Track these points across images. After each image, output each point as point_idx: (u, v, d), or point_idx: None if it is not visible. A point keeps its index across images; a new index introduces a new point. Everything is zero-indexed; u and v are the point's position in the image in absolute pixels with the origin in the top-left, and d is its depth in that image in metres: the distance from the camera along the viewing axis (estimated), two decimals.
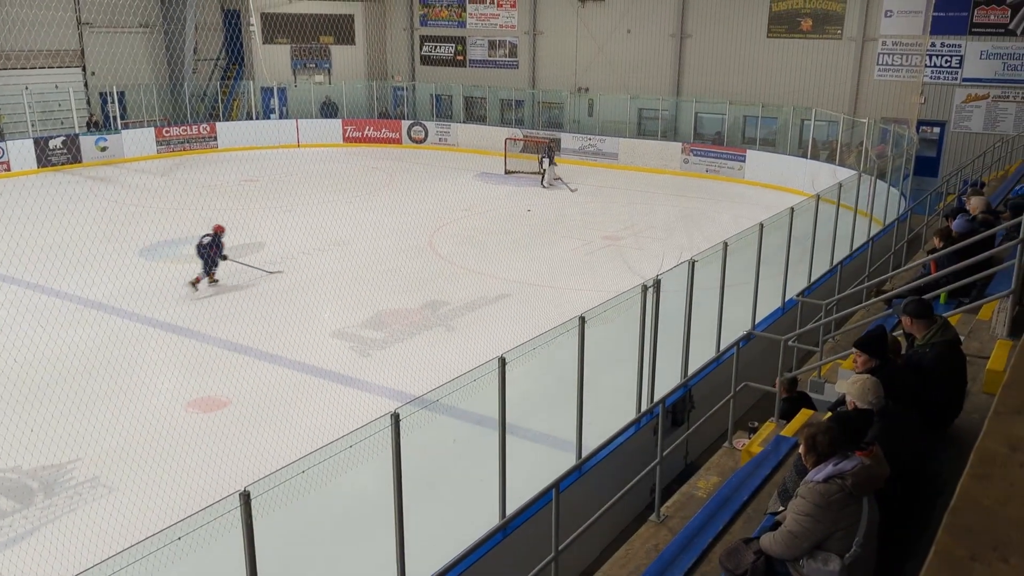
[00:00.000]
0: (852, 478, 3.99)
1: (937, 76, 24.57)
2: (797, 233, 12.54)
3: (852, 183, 16.15)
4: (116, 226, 19.10)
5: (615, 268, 16.78)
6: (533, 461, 8.72)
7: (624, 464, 8.14)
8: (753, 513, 5.91)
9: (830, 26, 26.20)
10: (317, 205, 21.90)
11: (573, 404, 8.13)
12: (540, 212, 21.87)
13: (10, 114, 26.50)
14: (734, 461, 7.51)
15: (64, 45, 27.94)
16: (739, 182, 25.94)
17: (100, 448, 9.47)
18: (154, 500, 8.24)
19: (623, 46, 29.95)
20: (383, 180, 26.00)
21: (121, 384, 11.06)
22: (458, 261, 17.45)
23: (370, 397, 10.87)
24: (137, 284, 14.65)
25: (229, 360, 12.10)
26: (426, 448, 8.89)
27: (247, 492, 5.02)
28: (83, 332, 12.85)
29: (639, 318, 8.90)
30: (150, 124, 29.35)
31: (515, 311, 14.12)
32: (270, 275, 15.98)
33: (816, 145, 25.33)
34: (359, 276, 16.02)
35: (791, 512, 4.17)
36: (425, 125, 32.14)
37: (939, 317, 5.82)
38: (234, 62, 32.77)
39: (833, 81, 26.19)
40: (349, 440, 5.61)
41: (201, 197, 21.21)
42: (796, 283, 12.83)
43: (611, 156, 28.70)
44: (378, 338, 13.17)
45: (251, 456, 8.91)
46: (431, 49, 34.44)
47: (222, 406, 10.75)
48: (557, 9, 31.14)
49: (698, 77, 28.77)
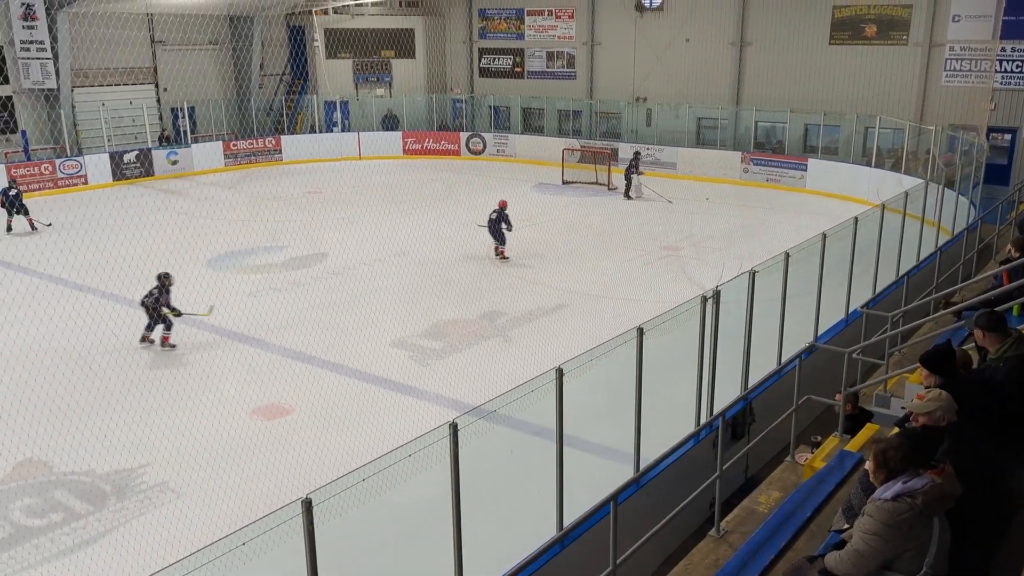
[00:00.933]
0: (923, 497, 3.87)
1: (1008, 81, 23.74)
2: (861, 243, 12.25)
3: (919, 192, 15.72)
4: (186, 237, 19.73)
5: (674, 279, 16.63)
6: (591, 473, 8.68)
7: (683, 477, 8.04)
8: (816, 530, 5.79)
9: (895, 32, 25.58)
10: (378, 216, 22.25)
11: (631, 416, 8.07)
12: (598, 222, 21.82)
13: (88, 129, 27.63)
14: (796, 476, 7.38)
15: (138, 63, 29.07)
16: (800, 191, 25.47)
17: (169, 454, 9.77)
18: (219, 505, 8.45)
19: (682, 55, 29.74)
20: (442, 191, 26.28)
21: (189, 391, 11.41)
22: (516, 272, 17.51)
23: (428, 406, 10.97)
24: (205, 294, 15.06)
25: (292, 368, 12.36)
26: (484, 458, 8.92)
27: (309, 499, 5.12)
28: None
29: (698, 329, 8.81)
30: (218, 138, 30.26)
31: (573, 322, 14.10)
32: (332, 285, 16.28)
33: (881, 153, 24.71)
34: (418, 286, 16.22)
35: (858, 530, 4.07)
36: (483, 136, 32.39)
37: (1013, 330, 5.63)
38: (299, 77, 33.59)
39: (898, 88, 25.54)
40: (408, 449, 5.67)
41: (267, 209, 21.79)
42: (860, 295, 12.53)
43: (670, 166, 28.47)
44: (437, 348, 13.29)
45: (313, 463, 9.07)
46: (490, 61, 34.74)
47: (285, 414, 10.98)
48: (615, 20, 31.10)
49: (758, 85, 28.38)
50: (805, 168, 25.89)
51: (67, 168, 25.49)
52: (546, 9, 32.68)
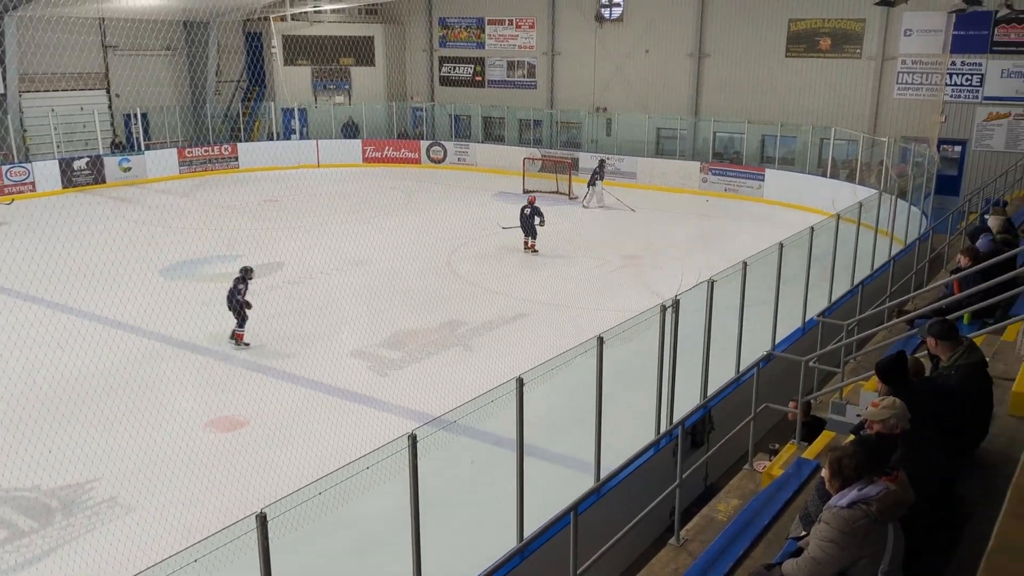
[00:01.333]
0: (877, 504, 3.90)
1: (958, 95, 24.40)
2: (817, 252, 12.45)
3: (872, 202, 16.02)
4: (138, 246, 19.32)
5: (633, 288, 16.72)
6: (551, 483, 8.65)
7: (643, 486, 8.05)
8: (774, 537, 5.82)
9: (849, 45, 26.13)
10: (337, 225, 22.03)
11: (591, 425, 8.07)
12: (559, 232, 21.86)
13: (36, 136, 26.96)
14: (755, 484, 7.42)
15: (89, 68, 28.44)
16: (758, 201, 25.83)
17: (119, 468, 9.51)
18: (172, 520, 8.24)
19: (641, 66, 30.03)
20: (402, 200, 26.14)
21: (141, 404, 11.13)
22: (476, 281, 17.46)
23: (388, 417, 10.86)
24: (158, 304, 14.76)
25: (248, 380, 12.14)
26: (444, 469, 8.86)
27: (264, 514, 5.01)
28: (104, 352, 12.92)
29: (658, 338, 8.84)
30: (173, 145, 29.73)
31: (533, 331, 14.09)
32: (289, 294, 16.07)
33: (836, 164, 25.19)
34: (378, 296, 16.07)
35: (814, 538, 4.09)
36: (444, 145, 32.32)
37: (965, 339, 5.73)
38: (256, 84, 33.19)
39: (852, 100, 26.08)
40: (366, 461, 5.59)
41: (222, 217, 21.44)
42: (816, 303, 12.72)
43: (629, 175, 28.69)
44: (396, 358, 13.18)
45: (269, 477, 8.91)
46: (450, 70, 34.71)
47: (240, 426, 10.78)
48: (575, 30, 31.30)
49: (716, 96, 28.76)
50: (762, 178, 26.28)
51: (14, 175, 24.84)
52: (507, 19, 32.77)
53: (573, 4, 31.00)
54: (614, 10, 30.43)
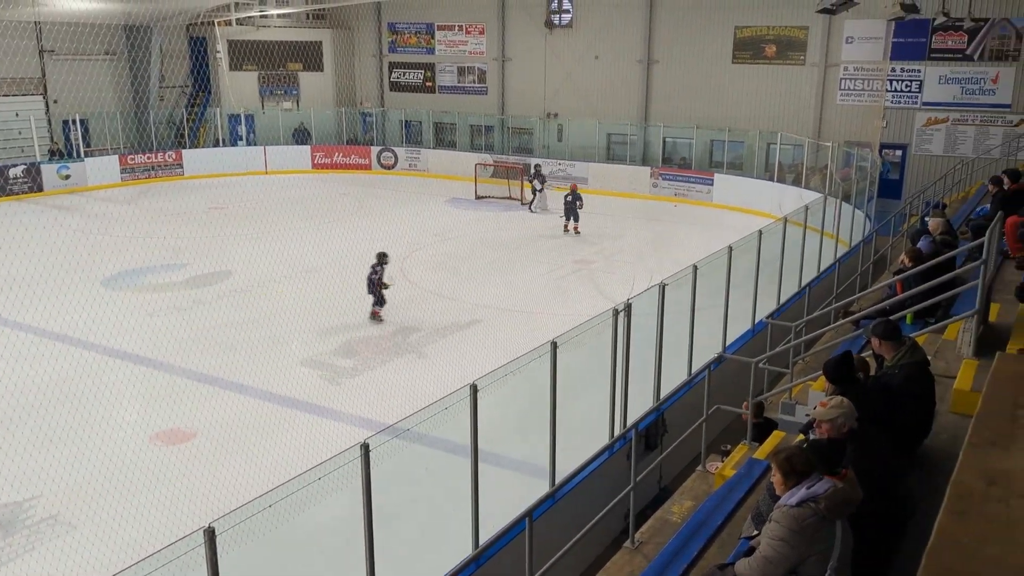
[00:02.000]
0: (825, 501, 3.96)
1: (898, 100, 25.09)
2: (766, 255, 12.65)
3: (818, 206, 16.36)
4: (79, 256, 18.75)
5: (586, 293, 16.80)
6: (506, 489, 8.61)
7: (598, 490, 8.07)
8: (728, 538, 5.87)
9: (793, 52, 26.69)
10: (286, 232, 21.71)
11: (546, 430, 8.06)
12: (511, 237, 21.88)
13: None
14: (708, 485, 7.48)
15: (25, 73, 27.56)
16: (708, 205, 26.20)
17: (61, 484, 9.19)
18: (116, 537, 8.00)
19: (591, 72, 30.26)
20: (353, 206, 25.88)
21: (83, 418, 10.77)
22: (430, 287, 17.36)
23: (341, 426, 10.71)
24: (100, 315, 14.35)
25: (196, 391, 11.86)
26: (398, 478, 8.75)
27: (212, 528, 4.89)
28: (44, 365, 12.51)
29: (611, 342, 8.88)
30: (114, 152, 28.99)
31: (487, 337, 14.05)
32: (238, 303, 15.77)
33: (782, 168, 25.69)
34: (329, 303, 15.84)
35: (765, 537, 4.13)
36: (395, 151, 32.14)
37: (908, 338, 5.85)
38: (201, 89, 32.57)
39: (798, 106, 26.63)
40: (318, 472, 5.50)
41: (167, 225, 20.96)
42: (766, 305, 12.92)
43: (581, 181, 28.81)
44: (349, 366, 13.01)
45: (218, 490, 8.71)
46: (400, 75, 34.54)
47: (188, 438, 10.52)
48: (525, 36, 31.41)
49: (666, 102, 29.11)
50: (711, 183, 26.66)
51: None
52: (456, 24, 32.74)
53: (523, 10, 31.12)
54: (564, 16, 30.63)
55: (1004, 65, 23.49)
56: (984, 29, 23.41)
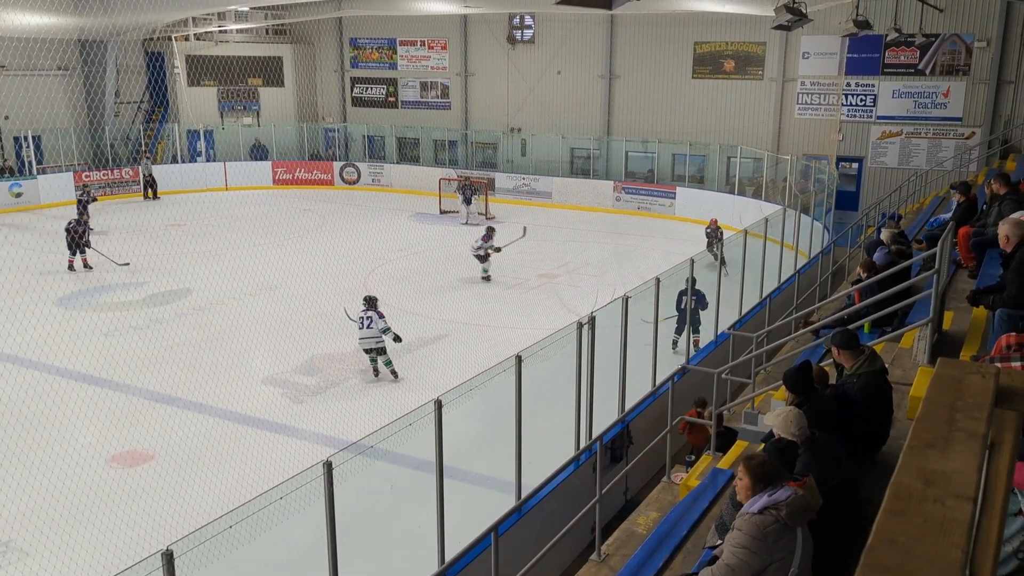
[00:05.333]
0: (786, 508, 4.00)
1: (854, 114, 25.64)
2: (727, 267, 12.81)
3: (777, 218, 16.62)
4: (32, 275, 18.34)
5: (550, 306, 16.83)
6: (472, 504, 8.57)
7: (564, 503, 8.06)
8: (692, 548, 5.89)
9: (752, 67, 27.16)
10: (247, 249, 21.46)
11: (512, 444, 8.04)
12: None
13: None
14: (673, 496, 7.52)
15: None
16: (670, 218, 26.45)
17: (13, 510, 8.92)
18: (73, 563, 7.78)
19: (554, 87, 30.47)
20: (315, 222, 25.68)
21: (37, 440, 10.48)
22: (394, 303, 17.23)
23: (304, 445, 10.56)
24: (54, 335, 14.02)
25: (154, 411, 11.64)
26: (362, 496, 8.66)
27: (170, 551, 4.79)
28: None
29: (575, 355, 8.90)
30: (68, 169, 28.40)
31: (452, 352, 13.99)
32: (197, 322, 15.52)
33: (742, 182, 26.06)
34: (291, 321, 15.68)
35: (728, 545, 4.15)
36: (357, 166, 31.98)
37: (866, 347, 5.95)
38: (158, 105, 32.15)
39: (756, 120, 27.08)
40: (280, 491, 5.42)
41: (124, 243, 20.56)
42: (727, 316, 13.06)
43: (545, 195, 29.00)
44: (312, 384, 12.87)
45: (178, 512, 8.53)
46: (362, 91, 34.45)
47: (146, 460, 10.30)
48: (488, 51, 31.54)
49: (627, 117, 29.40)
50: (674, 196, 26.95)
51: None
52: (419, 40, 32.78)
53: (485, 26, 31.26)
54: (525, 32, 30.82)
55: (955, 79, 24.14)
56: (935, 45, 24.05)
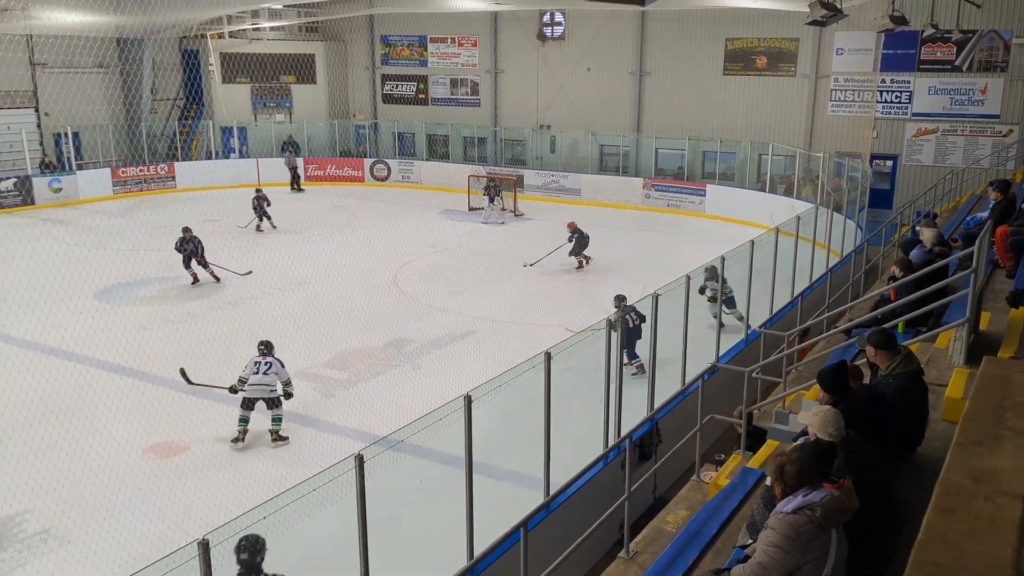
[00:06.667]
0: (821, 509, 3.98)
1: (888, 111, 25.27)
2: (758, 265, 12.69)
3: (809, 216, 16.45)
4: (71, 269, 18.69)
5: (579, 303, 16.80)
6: (500, 500, 8.60)
7: (592, 500, 8.06)
8: (722, 546, 5.87)
9: (784, 64, 26.88)
10: (279, 245, 21.71)
11: (540, 441, 8.06)
12: (504, 248, 21.90)
13: None
14: (702, 494, 7.49)
15: (16, 86, 27.49)
16: (700, 216, 26.30)
17: (52, 498, 9.14)
18: (110, 551, 7.95)
19: (583, 84, 30.40)
20: (346, 218, 25.89)
21: (75, 431, 10.72)
22: (423, 299, 17.36)
23: (335, 439, 10.68)
24: (92, 328, 14.30)
25: (188, 403, 11.81)
26: (392, 490, 8.73)
27: (206, 541, 4.87)
28: (36, 378, 12.47)
29: (604, 352, 8.89)
30: (106, 165, 28.91)
31: (481, 348, 14.05)
32: (230, 316, 15.73)
33: (774, 179, 25.82)
34: (322, 315, 15.84)
35: (761, 543, 4.14)
36: (388, 163, 32.17)
37: (903, 347, 5.88)
38: (193, 102, 32.57)
39: (789, 117, 26.80)
40: (312, 484, 5.48)
41: (159, 238, 20.87)
42: (758, 315, 12.96)
43: (574, 192, 28.95)
44: (342, 378, 12.99)
45: (212, 503, 8.67)
46: (393, 87, 34.63)
47: (181, 451, 10.48)
48: (518, 48, 31.55)
49: (658, 114, 29.26)
50: (704, 194, 26.77)
51: None
52: (449, 37, 32.87)
53: (515, 23, 31.27)
54: (556, 29, 30.77)
55: (992, 76, 23.69)
56: (972, 41, 23.62)
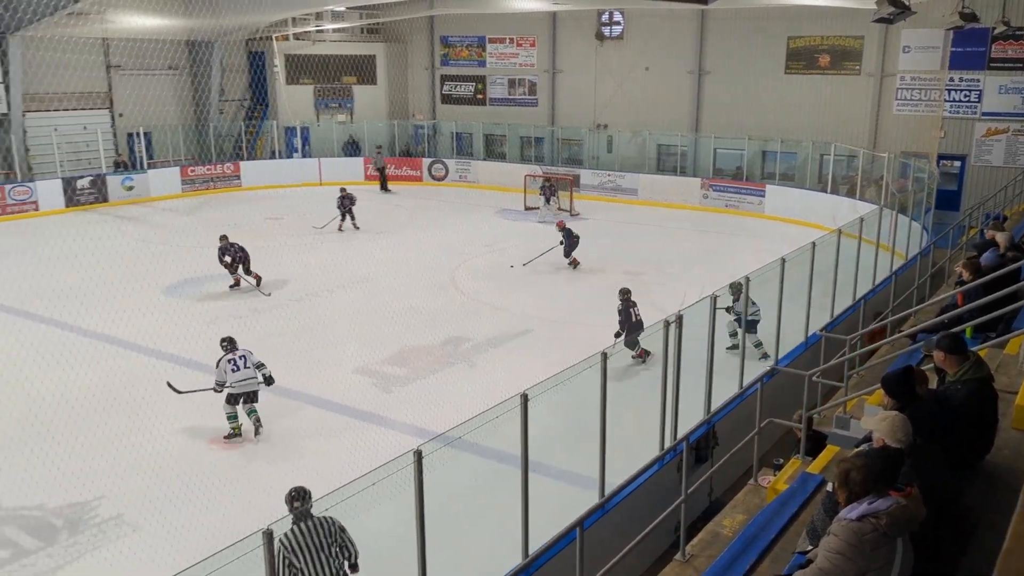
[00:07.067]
0: (887, 518, 3.90)
1: (956, 110, 24.53)
2: (819, 267, 12.47)
3: (873, 217, 16.07)
4: (141, 264, 19.36)
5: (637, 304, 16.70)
6: (554, 499, 8.63)
7: (648, 502, 8.05)
8: (781, 552, 5.81)
9: (848, 62, 26.30)
10: (339, 242, 22.13)
11: (596, 441, 8.07)
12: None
13: (40, 155, 27.06)
14: (760, 499, 7.42)
15: (93, 88, 28.59)
16: (759, 217, 25.91)
17: (124, 486, 9.50)
18: (177, 538, 8.23)
19: (642, 83, 30.22)
20: (405, 217, 26.23)
21: (144, 422, 11.11)
22: (480, 297, 17.49)
23: (392, 434, 10.85)
24: (162, 322, 14.79)
25: None
26: (448, 486, 8.85)
27: (270, 531, 5.02)
28: (108, 369, 12.97)
29: (661, 354, 8.86)
30: (175, 164, 29.85)
31: (537, 347, 14.10)
32: (293, 312, 16.10)
33: (836, 180, 25.29)
34: (381, 313, 16.10)
35: (823, 550, 4.09)
36: (445, 163, 32.46)
37: (972, 353, 5.74)
38: (259, 102, 33.38)
39: (852, 116, 26.21)
40: (372, 477, 5.59)
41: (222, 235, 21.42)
42: (819, 318, 12.74)
43: (630, 192, 28.81)
44: (401, 375, 13.18)
45: (274, 494, 8.88)
46: (452, 88, 34.93)
47: (246, 443, 10.77)
48: (576, 48, 31.54)
49: (717, 113, 28.93)
50: (763, 194, 26.37)
51: (17, 194, 24.94)
52: (508, 37, 33.01)
53: (574, 22, 31.25)
54: (614, 28, 30.66)
55: None
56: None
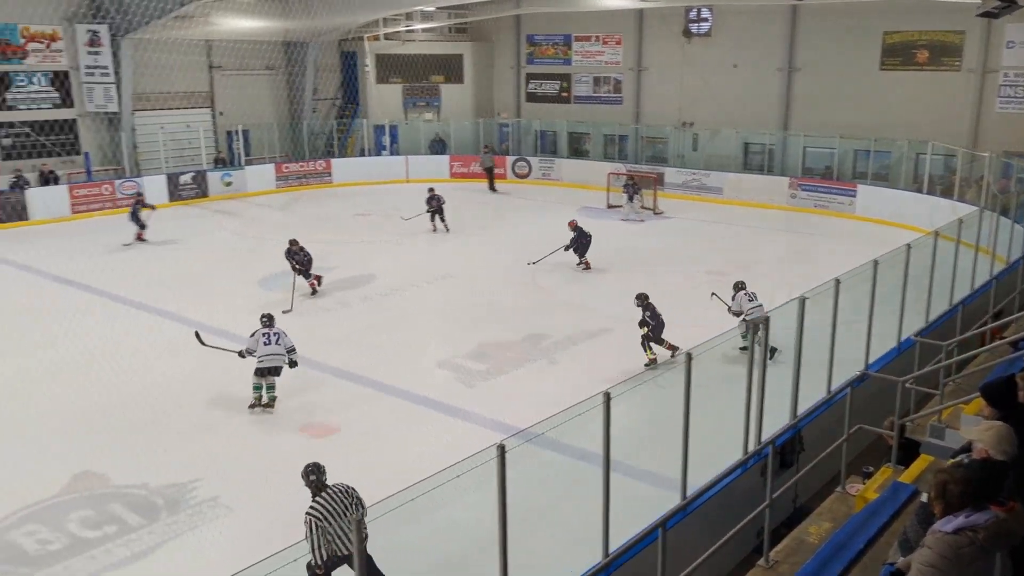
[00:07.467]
0: (985, 532, 3.77)
1: None
2: (914, 271, 12.04)
3: (973, 219, 15.41)
4: (239, 257, 20.18)
5: (721, 304, 16.47)
6: (635, 499, 8.62)
7: (731, 505, 7.97)
8: (870, 563, 5.70)
9: (948, 58, 25.23)
10: (425, 239, 22.54)
11: (678, 442, 8.02)
12: (644, 247, 21.75)
13: (147, 152, 28.49)
14: (847, 507, 7.27)
15: (196, 87, 29.91)
16: (850, 217, 25.13)
17: (221, 469, 9.95)
18: (270, 521, 8.58)
19: (729, 81, 29.68)
20: (489, 214, 26.50)
21: (239, 408, 11.62)
22: (560, 295, 17.55)
23: (474, 428, 11.03)
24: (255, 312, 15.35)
25: (339, 387, 12.52)
26: (528, 482, 8.95)
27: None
28: (207, 357, 13.55)
29: (747, 356, 8.74)
30: (271, 161, 30.92)
31: (617, 346, 14.05)
32: (380, 305, 16.51)
33: (932, 180, 24.29)
34: (464, 308, 16.35)
35: (915, 562, 4.00)
36: (529, 161, 32.61)
37: None
38: (350, 101, 34.25)
39: (951, 114, 25.13)
40: (456, 470, 5.71)
41: (316, 230, 22.14)
42: (912, 323, 12.32)
43: (716, 191, 28.35)
44: (482, 369, 13.36)
45: (361, 482, 9.15)
46: (537, 86, 35.05)
47: (333, 432, 11.12)
48: (662, 45, 31.21)
49: (807, 111, 28.17)
50: (854, 194, 25.55)
51: (126, 188, 26.28)
52: (593, 35, 32.92)
53: (660, 20, 30.92)
54: (702, 25, 30.21)
55: None
56: None
